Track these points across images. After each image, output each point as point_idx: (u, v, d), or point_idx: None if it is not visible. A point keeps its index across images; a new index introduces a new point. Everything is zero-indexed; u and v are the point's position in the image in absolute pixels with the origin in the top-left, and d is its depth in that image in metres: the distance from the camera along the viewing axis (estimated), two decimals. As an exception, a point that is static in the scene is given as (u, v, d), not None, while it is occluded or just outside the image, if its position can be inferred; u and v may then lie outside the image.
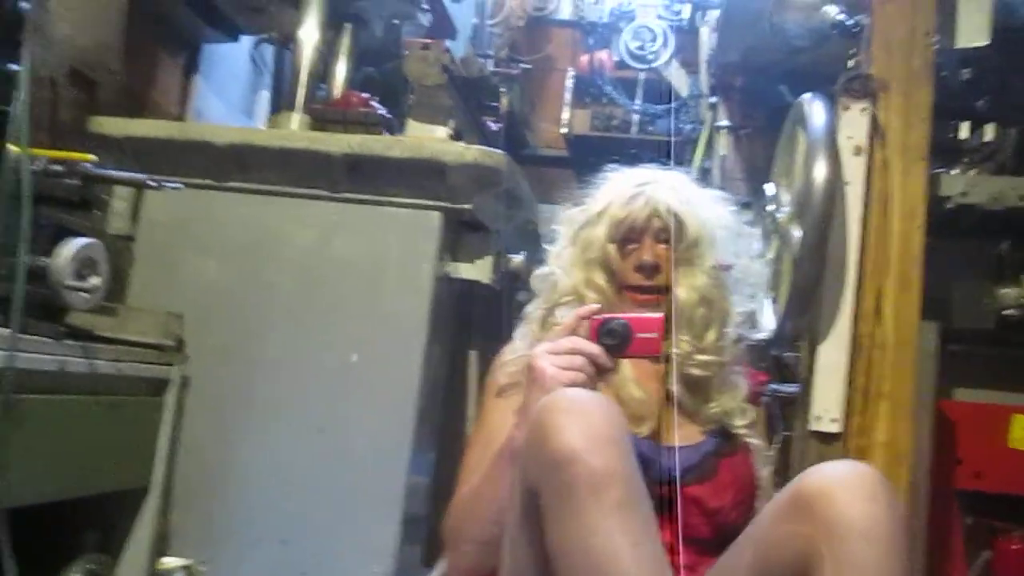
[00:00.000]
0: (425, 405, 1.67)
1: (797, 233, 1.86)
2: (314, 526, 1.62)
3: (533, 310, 1.37)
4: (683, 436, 1.25)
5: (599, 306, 1.17)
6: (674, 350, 1.24)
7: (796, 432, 1.99)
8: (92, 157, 1.37)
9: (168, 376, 1.61)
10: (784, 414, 2.35)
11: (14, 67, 1.28)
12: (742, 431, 1.33)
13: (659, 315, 1.13)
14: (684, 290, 1.28)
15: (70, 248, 1.32)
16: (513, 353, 1.32)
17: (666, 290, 1.29)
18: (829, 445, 1.85)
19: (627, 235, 1.31)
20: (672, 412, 1.24)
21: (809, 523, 1.00)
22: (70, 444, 1.36)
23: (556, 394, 1.05)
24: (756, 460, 1.34)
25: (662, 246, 1.30)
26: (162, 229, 1.74)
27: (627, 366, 1.30)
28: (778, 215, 2.03)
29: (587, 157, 4.47)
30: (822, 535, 0.99)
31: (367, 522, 1.60)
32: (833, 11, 1.87)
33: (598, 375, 1.12)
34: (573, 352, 1.10)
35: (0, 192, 1.14)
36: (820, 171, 1.76)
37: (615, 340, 1.11)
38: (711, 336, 1.29)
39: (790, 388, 2.64)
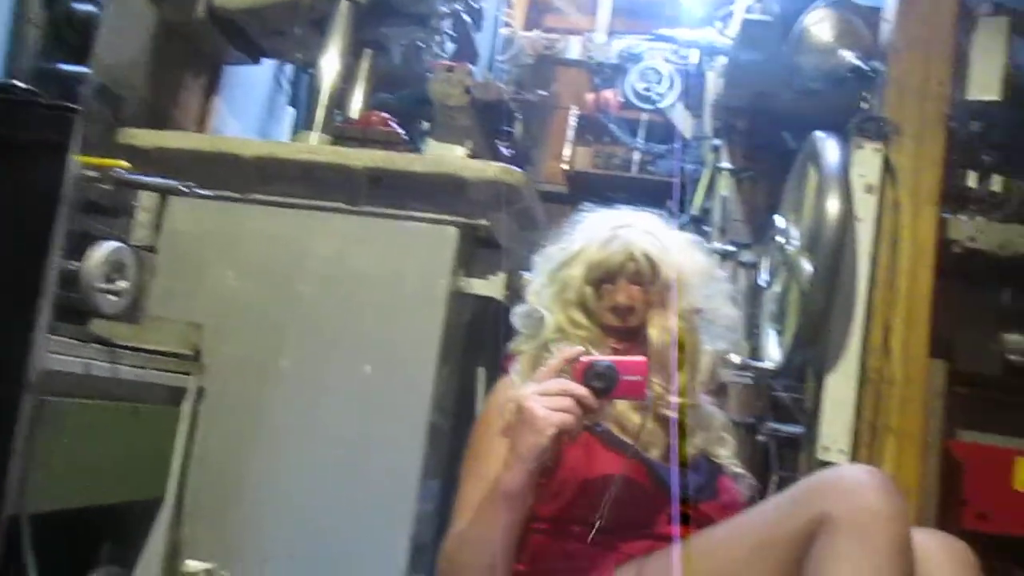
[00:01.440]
0: (436, 421, 1.68)
1: (807, 265, 1.90)
2: (324, 542, 1.61)
3: (526, 348, 1.39)
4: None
5: (583, 349, 1.19)
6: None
7: (800, 467, 2.00)
8: (125, 164, 1.39)
9: (186, 385, 1.61)
10: (780, 454, 2.37)
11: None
12: (726, 460, 1.35)
13: (643, 359, 1.15)
14: (656, 331, 1.32)
15: (101, 251, 1.33)
16: (512, 388, 1.34)
17: (640, 332, 1.32)
18: (837, 478, 1.86)
19: (603, 277, 1.34)
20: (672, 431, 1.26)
21: (820, 503, 1.05)
22: (92, 449, 1.35)
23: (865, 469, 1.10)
24: (741, 485, 1.36)
25: (636, 288, 1.33)
26: (184, 240, 1.75)
27: (623, 402, 1.32)
28: (788, 247, 2.07)
29: (586, 194, 4.54)
30: (834, 513, 1.03)
31: (378, 538, 1.60)
32: (850, 55, 1.93)
33: (584, 416, 1.14)
34: (562, 394, 1.12)
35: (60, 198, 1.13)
36: (833, 205, 1.80)
37: (603, 383, 1.13)
38: (683, 378, 1.31)
39: (788, 428, 2.66)
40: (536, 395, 1.12)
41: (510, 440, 1.15)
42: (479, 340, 1.90)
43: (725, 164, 3.76)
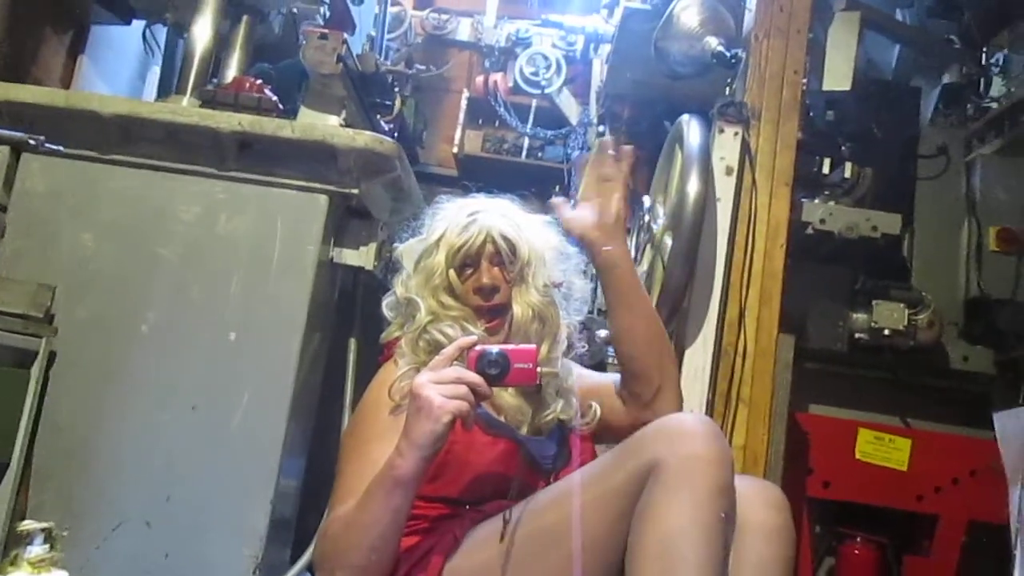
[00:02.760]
0: (301, 391, 1.67)
1: (670, 243, 1.98)
2: (182, 508, 1.58)
3: (400, 334, 1.41)
4: (533, 434, 1.36)
5: (476, 337, 1.23)
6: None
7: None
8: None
9: (35, 348, 1.55)
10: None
11: None
12: (582, 425, 1.41)
13: (533, 347, 1.21)
14: (519, 307, 1.38)
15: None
16: (399, 370, 1.36)
17: (506, 310, 1.38)
18: (692, 446, 1.95)
19: (464, 260, 1.39)
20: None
21: (651, 450, 1.13)
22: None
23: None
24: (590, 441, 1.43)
25: (497, 268, 1.39)
26: (38, 199, 1.68)
27: None
28: (654, 227, 2.15)
29: (477, 177, 4.57)
30: (662, 459, 1.11)
31: (237, 504, 1.58)
32: (714, 42, 2.01)
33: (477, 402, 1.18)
34: (457, 381, 1.15)
35: None
36: (694, 186, 1.88)
37: (495, 370, 1.17)
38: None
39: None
40: (431, 383, 1.15)
41: (404, 427, 1.17)
42: (350, 311, 1.90)
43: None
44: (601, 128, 3.86)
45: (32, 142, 1.34)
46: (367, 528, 1.17)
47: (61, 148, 1.45)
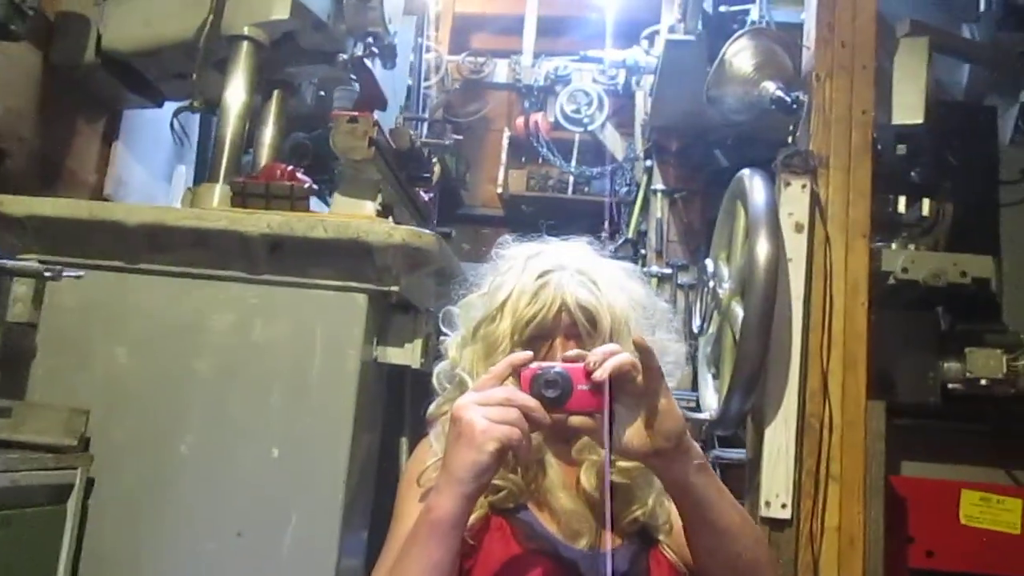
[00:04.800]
0: (354, 496, 1.56)
1: (740, 311, 1.82)
2: (234, 642, 1.47)
3: (444, 411, 1.25)
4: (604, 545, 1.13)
5: (531, 354, 1.04)
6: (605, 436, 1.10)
7: (745, 504, 1.92)
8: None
9: (71, 481, 1.46)
10: (724, 480, 2.31)
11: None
12: (662, 534, 1.23)
13: None
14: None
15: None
16: (434, 456, 1.21)
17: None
18: (781, 531, 1.79)
19: (534, 334, 1.19)
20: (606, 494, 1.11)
21: None
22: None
23: None
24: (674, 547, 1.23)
25: (573, 343, 1.18)
26: (69, 315, 1.60)
27: (553, 470, 1.20)
28: (720, 292, 1.99)
29: (523, 216, 4.47)
30: None
31: (293, 635, 1.47)
32: (771, 87, 1.86)
33: (531, 431, 1.00)
34: (507, 404, 0.98)
35: None
36: (763, 248, 1.73)
37: (554, 392, 0.98)
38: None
39: (733, 454, 2.60)
40: (475, 404, 0.98)
41: (443, 459, 1.01)
42: (399, 410, 1.78)
43: (658, 185, 3.71)
44: (648, 163, 3.73)
45: (48, 273, 1.25)
46: None
47: (82, 273, 1.36)
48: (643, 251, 3.74)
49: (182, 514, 1.52)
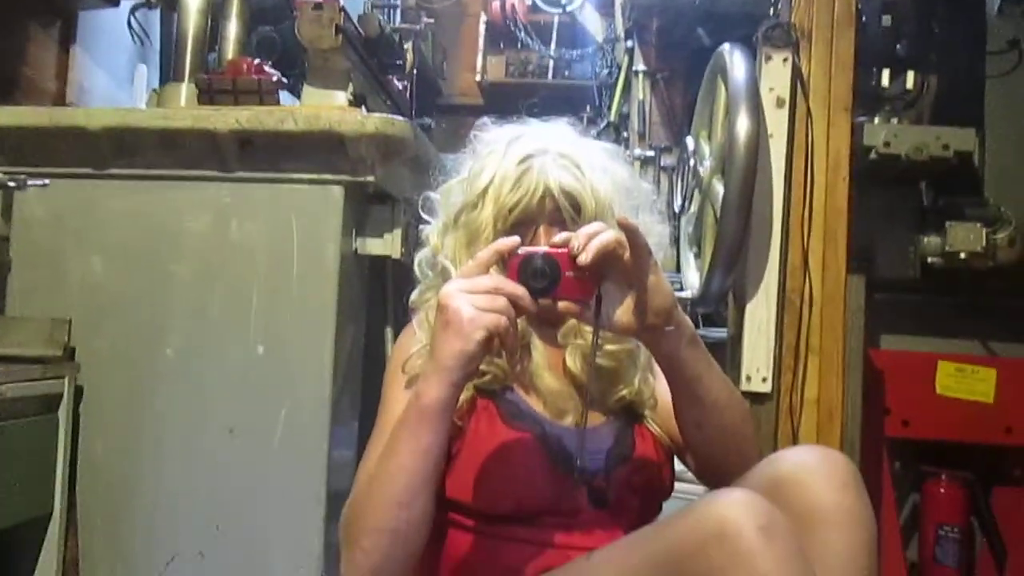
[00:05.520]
0: (341, 388, 1.58)
1: (720, 188, 1.81)
2: (233, 535, 1.52)
3: (427, 299, 1.25)
4: (589, 422, 1.14)
5: (519, 240, 1.01)
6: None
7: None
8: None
9: (59, 390, 1.47)
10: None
11: None
12: (648, 412, 1.25)
13: None
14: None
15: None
16: (418, 343, 1.21)
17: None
18: (761, 405, 1.83)
19: (517, 221, 1.16)
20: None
21: (782, 511, 0.94)
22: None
23: (740, 505, 0.92)
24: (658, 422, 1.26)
25: (557, 229, 1.13)
26: (40, 227, 1.58)
27: (538, 353, 1.21)
28: (700, 169, 1.97)
29: (503, 104, 4.37)
30: (794, 523, 0.94)
31: (289, 525, 1.51)
32: (752, -46, 1.79)
33: (518, 318, 0.99)
34: (494, 292, 0.96)
35: None
36: (743, 124, 1.69)
37: (543, 281, 0.97)
38: None
39: (716, 333, 2.64)
40: (462, 292, 0.97)
41: (431, 346, 1.01)
42: (382, 301, 1.79)
43: (639, 66, 3.62)
44: (629, 43, 3.63)
45: (12, 183, 1.22)
46: (393, 477, 1.01)
47: (47, 182, 1.33)
48: (625, 134, 3.67)
49: (173, 415, 1.54)
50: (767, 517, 0.91)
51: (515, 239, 1.02)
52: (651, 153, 3.52)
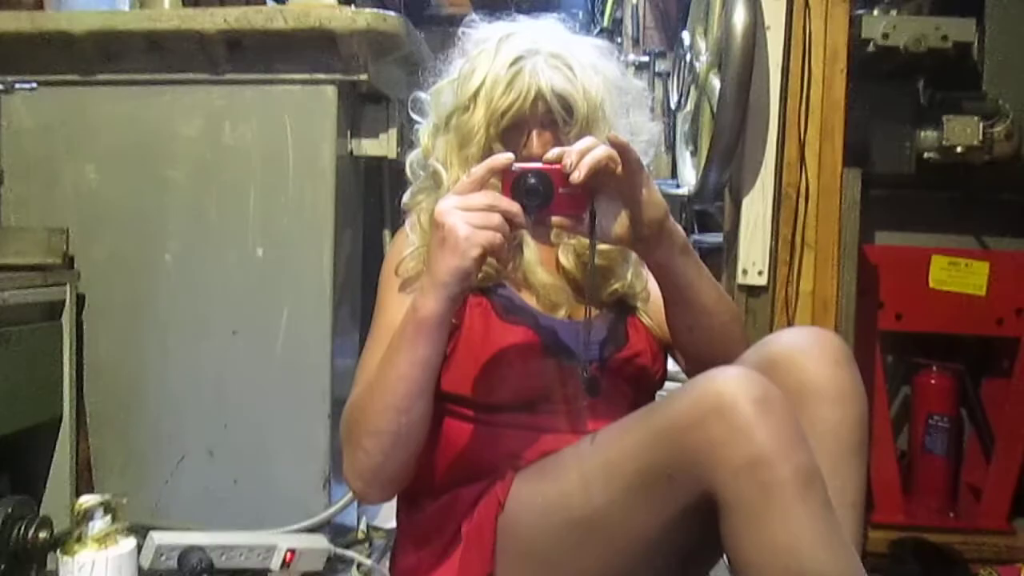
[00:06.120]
0: (341, 292, 1.59)
1: (717, 82, 1.79)
2: (241, 433, 1.56)
3: (419, 201, 1.26)
4: (584, 314, 1.16)
5: (512, 156, 1.02)
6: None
7: (723, 287, 1.98)
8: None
9: (60, 297, 1.48)
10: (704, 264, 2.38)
11: None
12: (640, 304, 1.27)
13: None
14: None
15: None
16: (410, 246, 1.22)
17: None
18: (757, 298, 1.85)
19: (510, 124, 1.16)
20: (591, 271, 1.13)
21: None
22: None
23: (736, 380, 0.94)
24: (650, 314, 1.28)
25: (549, 134, 1.15)
26: (30, 136, 1.56)
27: (530, 250, 1.23)
28: (696, 65, 1.95)
29: (493, 11, 4.28)
30: (789, 398, 0.96)
31: (295, 422, 1.55)
32: None
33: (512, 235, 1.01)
34: (489, 209, 0.98)
35: None
36: (739, 17, 1.66)
37: (537, 198, 0.98)
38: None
39: (711, 238, 2.65)
40: (457, 209, 0.98)
41: (427, 261, 1.03)
42: (378, 203, 1.78)
43: (632, -32, 3.54)
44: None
45: (0, 87, 1.20)
46: (392, 385, 1.05)
47: (35, 85, 1.31)
48: (619, 40, 3.61)
49: (176, 319, 1.56)
50: (763, 390, 0.93)
51: (509, 156, 1.02)
52: (645, 58, 3.47)
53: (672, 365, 1.31)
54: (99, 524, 1.01)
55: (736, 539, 0.92)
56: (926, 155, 2.08)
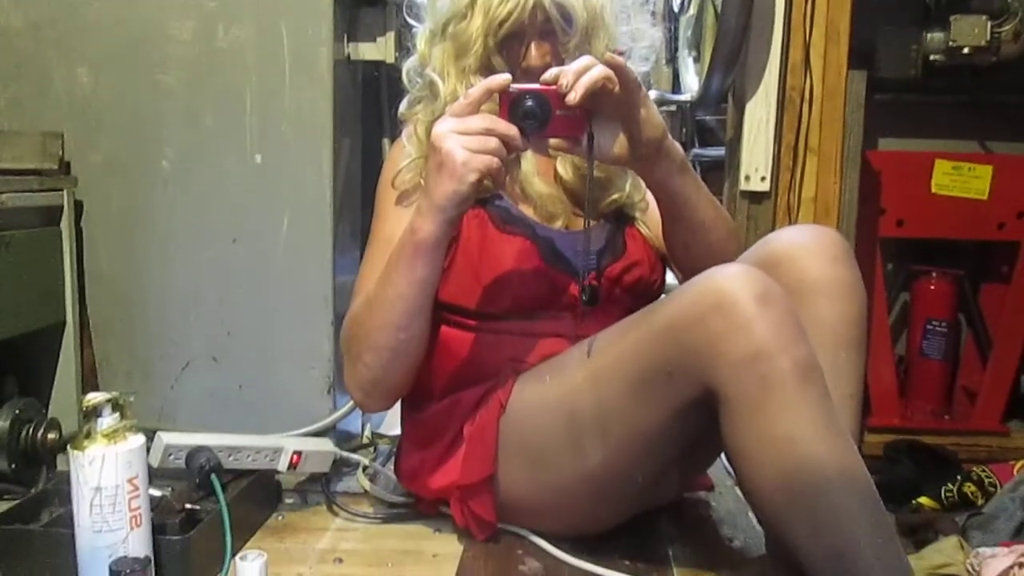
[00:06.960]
0: (341, 202, 1.58)
1: (721, -16, 1.75)
2: (244, 340, 1.56)
3: (416, 112, 1.24)
4: (582, 225, 1.17)
5: (510, 77, 1.01)
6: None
7: (725, 195, 1.97)
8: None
9: (58, 202, 1.46)
10: (707, 179, 2.36)
11: None
12: (638, 215, 1.27)
13: None
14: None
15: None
16: (406, 158, 1.21)
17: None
18: (759, 204, 1.85)
19: (508, 34, 1.15)
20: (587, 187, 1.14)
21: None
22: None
23: (737, 277, 0.94)
24: (649, 224, 1.28)
25: (548, 44, 1.15)
26: (19, 39, 1.52)
27: (528, 161, 1.22)
28: (700, -34, 1.90)
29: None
30: (789, 294, 0.97)
31: (298, 329, 1.55)
32: None
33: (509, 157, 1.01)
34: (486, 133, 0.98)
35: None
36: (745, -87, 1.62)
37: (534, 120, 0.98)
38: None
39: (713, 152, 2.63)
40: (454, 133, 0.98)
41: (425, 184, 1.04)
42: (377, 111, 1.76)
43: None
44: None
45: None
46: (392, 304, 1.07)
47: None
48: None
49: (175, 226, 1.55)
50: (763, 286, 0.94)
51: (506, 77, 1.01)
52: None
53: (671, 278, 1.32)
54: (107, 420, 1.02)
55: (735, 432, 0.93)
56: (932, 57, 2.06)
